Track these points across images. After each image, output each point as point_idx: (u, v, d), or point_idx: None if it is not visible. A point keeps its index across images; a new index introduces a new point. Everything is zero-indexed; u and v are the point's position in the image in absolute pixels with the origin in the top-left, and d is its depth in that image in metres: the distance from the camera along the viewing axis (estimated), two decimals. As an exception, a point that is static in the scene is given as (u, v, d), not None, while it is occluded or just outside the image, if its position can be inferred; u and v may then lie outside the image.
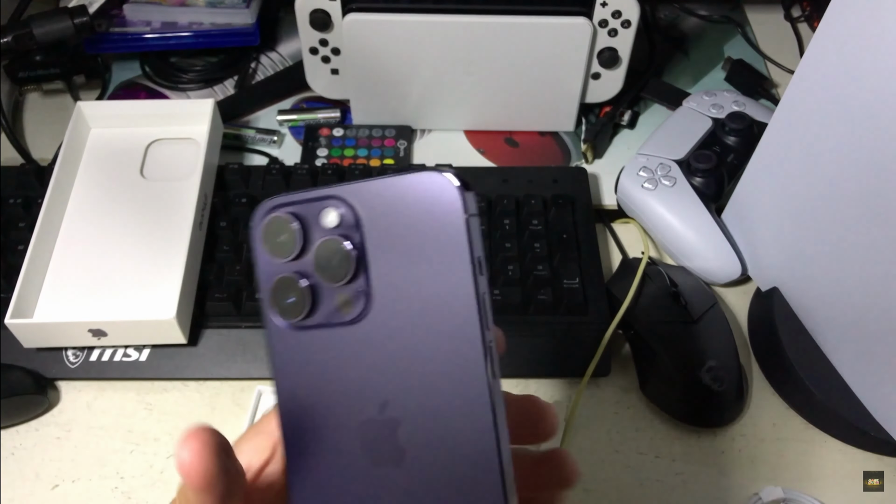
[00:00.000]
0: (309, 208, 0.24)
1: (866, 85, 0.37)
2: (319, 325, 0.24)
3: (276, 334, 0.24)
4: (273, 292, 0.24)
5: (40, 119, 0.64)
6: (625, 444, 0.46)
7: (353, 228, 0.24)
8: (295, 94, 0.65)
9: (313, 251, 0.24)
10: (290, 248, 0.24)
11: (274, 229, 0.24)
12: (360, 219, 0.24)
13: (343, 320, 0.24)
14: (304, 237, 0.24)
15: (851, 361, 0.45)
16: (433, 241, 0.23)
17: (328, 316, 0.24)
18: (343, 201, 0.24)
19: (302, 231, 0.24)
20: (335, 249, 0.24)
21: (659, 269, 0.50)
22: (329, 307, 0.24)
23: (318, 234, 0.24)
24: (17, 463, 0.45)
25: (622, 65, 0.57)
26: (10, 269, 0.49)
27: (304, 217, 0.24)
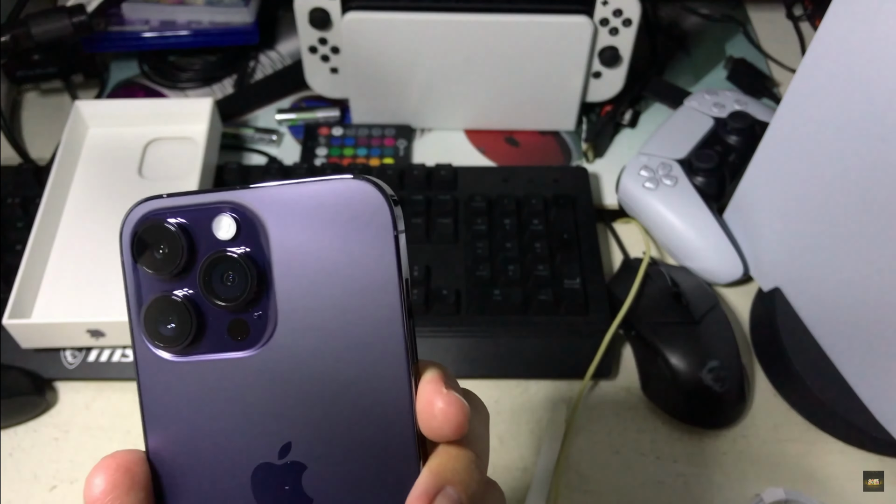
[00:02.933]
0: (198, 215, 0.20)
1: (868, 84, 0.37)
2: (205, 353, 0.20)
3: (148, 364, 0.20)
4: (147, 315, 0.20)
5: (38, 118, 0.63)
6: (626, 445, 0.46)
7: (254, 240, 0.20)
8: (294, 93, 0.64)
9: (201, 266, 0.20)
10: (171, 261, 0.20)
11: (150, 239, 0.20)
12: (263, 229, 0.20)
13: (236, 348, 0.20)
14: (191, 249, 0.20)
15: (853, 362, 0.44)
16: (354, 259, 0.20)
17: (217, 343, 0.20)
18: (242, 208, 0.20)
19: (188, 242, 0.20)
20: (229, 265, 0.20)
21: (660, 270, 0.50)
22: (219, 332, 0.20)
23: (208, 246, 0.20)
24: (15, 464, 0.45)
25: (623, 64, 0.57)
26: (8, 269, 0.49)
27: (189, 226, 0.20)
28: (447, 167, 0.55)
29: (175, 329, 0.20)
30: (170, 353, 0.20)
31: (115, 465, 0.20)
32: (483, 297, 0.49)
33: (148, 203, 0.20)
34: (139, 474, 0.20)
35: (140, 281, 0.20)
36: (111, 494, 0.20)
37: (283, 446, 0.20)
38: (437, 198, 0.53)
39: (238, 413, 0.20)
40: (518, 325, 0.48)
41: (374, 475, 0.20)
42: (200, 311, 0.20)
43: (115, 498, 0.20)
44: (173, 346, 0.20)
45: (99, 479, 0.20)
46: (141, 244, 0.20)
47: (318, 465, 0.20)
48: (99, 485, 0.20)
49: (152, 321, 0.20)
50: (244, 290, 0.20)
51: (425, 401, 0.20)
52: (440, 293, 0.49)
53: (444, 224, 0.52)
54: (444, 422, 0.20)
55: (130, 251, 0.20)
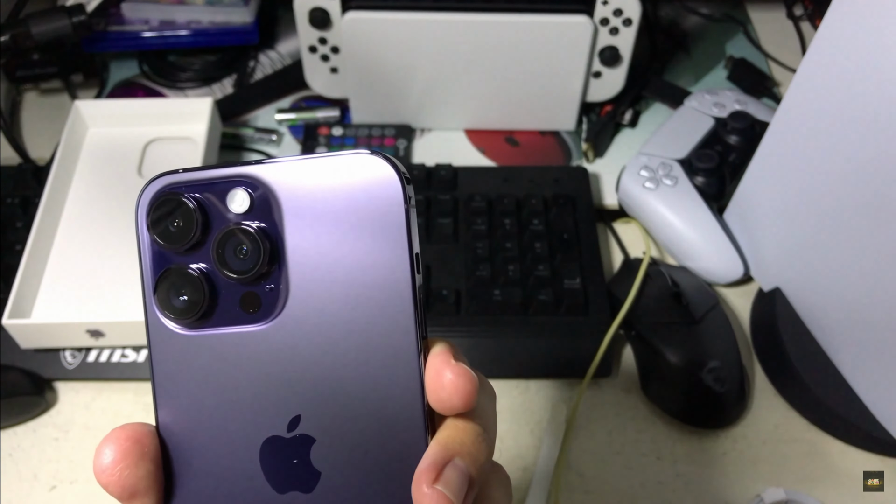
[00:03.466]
0: (213, 189, 0.20)
1: (869, 83, 0.37)
2: (217, 326, 0.21)
3: (160, 337, 0.21)
4: (160, 286, 0.20)
5: (38, 118, 0.63)
6: (626, 445, 0.46)
7: (267, 214, 0.20)
8: (294, 93, 0.64)
9: (214, 239, 0.20)
10: (186, 234, 0.20)
11: (166, 212, 0.20)
12: (277, 203, 0.20)
13: (248, 321, 0.20)
14: (205, 223, 0.20)
15: (854, 362, 0.44)
16: (366, 232, 0.20)
17: (229, 316, 0.20)
18: (256, 182, 0.20)
19: (202, 215, 0.20)
20: (242, 238, 0.20)
21: (660, 270, 0.50)
22: (231, 305, 0.20)
23: (222, 219, 0.20)
24: (14, 464, 0.45)
25: (623, 63, 0.57)
26: (7, 269, 0.49)
27: (205, 199, 0.20)
28: (447, 167, 0.55)
29: (187, 301, 0.20)
30: (181, 325, 0.21)
31: (126, 435, 0.20)
32: (483, 297, 0.48)
33: (165, 178, 0.21)
34: (149, 446, 0.21)
35: (154, 253, 0.21)
36: (121, 464, 0.20)
37: (293, 419, 0.20)
38: (437, 198, 0.53)
39: (248, 386, 0.20)
40: (518, 325, 0.48)
41: (382, 448, 0.20)
42: (213, 284, 0.20)
43: (125, 468, 0.20)
44: (185, 318, 0.20)
45: (109, 449, 0.20)
46: (157, 217, 0.20)
47: (326, 439, 0.20)
48: (109, 454, 0.20)
49: (165, 293, 0.20)
50: (256, 262, 0.20)
51: (434, 372, 0.20)
52: (440, 293, 0.49)
53: (444, 224, 0.52)
54: (453, 392, 0.20)
55: (146, 224, 0.20)
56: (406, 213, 0.20)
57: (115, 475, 0.20)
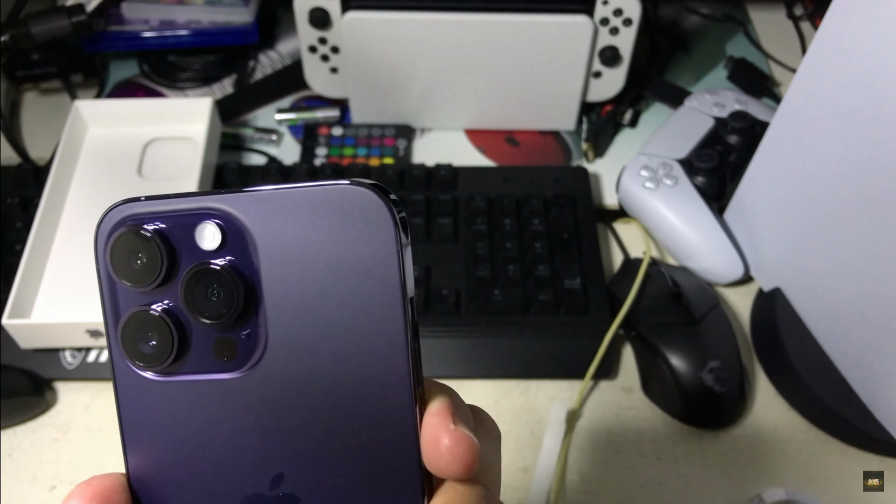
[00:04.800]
0: (179, 221, 0.18)
1: (869, 83, 0.37)
2: (190, 373, 0.19)
3: (127, 382, 0.19)
4: (125, 331, 0.18)
5: (38, 118, 0.63)
6: (626, 445, 0.46)
7: (241, 251, 0.18)
8: (294, 93, 0.64)
9: (182, 280, 0.18)
10: (150, 273, 0.18)
11: (127, 247, 0.18)
12: (252, 239, 0.18)
13: (223, 369, 0.18)
14: (171, 259, 0.18)
15: (854, 361, 0.44)
16: (352, 274, 0.18)
17: (203, 363, 0.19)
18: (228, 215, 0.18)
19: (168, 252, 0.18)
20: (214, 278, 0.18)
21: (661, 270, 0.50)
22: (204, 351, 0.19)
23: (191, 257, 0.18)
24: (14, 464, 0.45)
25: (623, 63, 0.57)
26: (7, 270, 0.49)
27: (171, 233, 0.18)
28: (447, 167, 0.55)
29: (156, 347, 0.18)
30: (150, 372, 0.19)
31: (92, 493, 0.19)
32: (483, 297, 0.48)
33: (124, 207, 0.18)
34: (118, 502, 0.19)
35: (117, 293, 0.19)
36: None
37: (275, 477, 0.19)
38: (437, 198, 0.53)
39: (226, 439, 0.19)
40: (518, 325, 0.48)
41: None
42: (183, 328, 0.18)
43: None
44: (154, 364, 0.19)
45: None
46: (117, 253, 0.18)
47: (312, 499, 0.18)
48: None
49: (130, 338, 0.19)
50: (230, 306, 0.18)
51: (431, 437, 0.18)
52: (440, 293, 0.48)
53: (444, 224, 0.52)
54: (451, 461, 0.18)
55: (105, 260, 0.18)
56: (398, 253, 0.17)
57: None
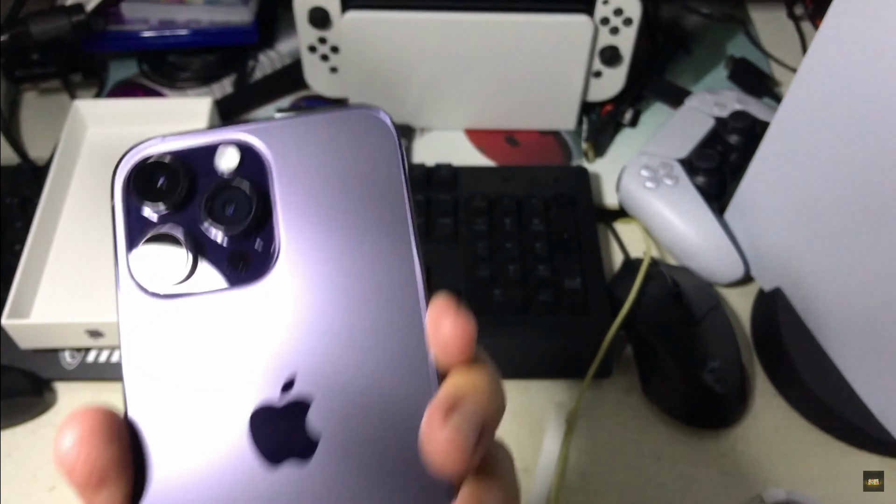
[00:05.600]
0: (199, 150, 0.20)
1: (869, 83, 0.37)
2: (201, 291, 0.19)
3: (134, 309, 0.19)
4: (140, 250, 0.20)
5: (37, 118, 0.63)
6: (626, 445, 0.45)
7: (258, 170, 0.20)
8: (293, 93, 0.64)
9: (203, 194, 0.20)
10: (172, 192, 0.20)
11: (149, 173, 0.20)
12: (268, 161, 0.20)
13: (236, 282, 0.19)
14: (192, 180, 0.20)
15: (854, 362, 0.44)
16: (361, 187, 0.20)
17: (215, 278, 0.19)
18: (244, 142, 0.20)
19: (189, 173, 0.20)
20: (233, 192, 0.20)
21: (661, 270, 0.50)
22: (217, 265, 0.20)
23: (210, 176, 0.20)
24: (14, 465, 0.45)
25: (624, 63, 0.57)
26: (6, 269, 0.49)
27: (192, 160, 0.20)
28: (447, 167, 0.55)
29: (171, 265, 0.19)
30: (162, 290, 0.19)
31: (90, 414, 0.18)
32: (483, 297, 0.48)
33: (144, 144, 0.20)
34: (117, 426, 0.18)
35: (134, 217, 0.20)
36: (88, 445, 0.18)
37: (287, 381, 0.19)
38: (437, 198, 0.53)
39: (235, 351, 0.19)
40: (518, 325, 0.48)
41: (385, 400, 0.19)
42: (198, 244, 0.20)
43: (92, 450, 0.18)
44: (167, 280, 0.19)
45: (71, 431, 0.18)
46: (139, 179, 0.20)
47: (325, 398, 0.19)
48: (71, 436, 0.18)
49: (145, 256, 0.20)
50: (248, 215, 0.20)
51: (433, 319, 0.19)
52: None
53: (444, 224, 0.52)
54: (450, 339, 0.19)
55: (125, 188, 0.20)
56: (402, 162, 0.20)
57: (81, 458, 0.18)
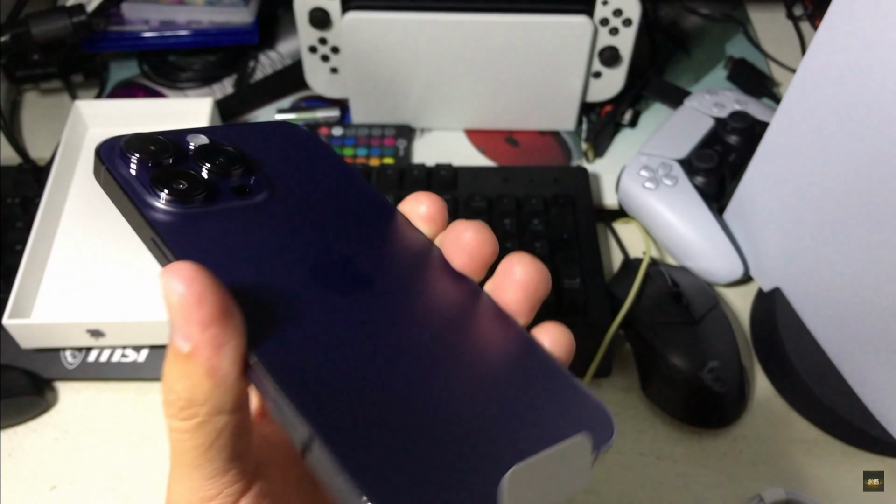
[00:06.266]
0: (171, 134, 0.23)
1: (869, 83, 0.37)
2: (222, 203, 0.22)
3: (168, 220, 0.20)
4: (157, 178, 0.21)
5: (38, 118, 0.63)
6: (626, 445, 0.46)
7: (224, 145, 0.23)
8: (294, 93, 0.64)
9: (193, 153, 0.22)
10: (164, 150, 0.22)
11: (139, 143, 0.22)
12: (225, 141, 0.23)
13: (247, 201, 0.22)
14: (176, 146, 0.22)
15: (853, 362, 0.44)
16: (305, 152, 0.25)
17: (228, 198, 0.22)
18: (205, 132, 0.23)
19: (172, 141, 0.22)
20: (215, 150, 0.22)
21: (660, 270, 0.50)
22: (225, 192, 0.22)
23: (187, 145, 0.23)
24: (14, 464, 0.45)
25: (623, 63, 0.57)
26: (7, 270, 0.49)
27: (168, 136, 0.23)
28: (447, 167, 0.55)
29: (186, 186, 0.21)
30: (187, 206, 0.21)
31: (191, 264, 0.17)
32: (483, 297, 0.48)
33: (118, 136, 0.23)
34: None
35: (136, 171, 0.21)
36: (208, 279, 0.17)
37: (324, 249, 0.22)
38: (437, 198, 0.53)
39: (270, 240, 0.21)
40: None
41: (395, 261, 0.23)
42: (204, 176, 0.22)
43: (214, 281, 0.17)
44: (189, 197, 0.21)
45: (186, 270, 0.17)
46: (129, 147, 0.22)
47: (359, 255, 0.22)
48: (189, 272, 0.17)
49: (164, 179, 0.21)
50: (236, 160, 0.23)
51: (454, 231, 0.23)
52: (440, 293, 0.48)
53: (444, 224, 0.52)
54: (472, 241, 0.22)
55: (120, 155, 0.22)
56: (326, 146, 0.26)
57: (209, 287, 0.17)
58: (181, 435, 0.18)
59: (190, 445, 0.18)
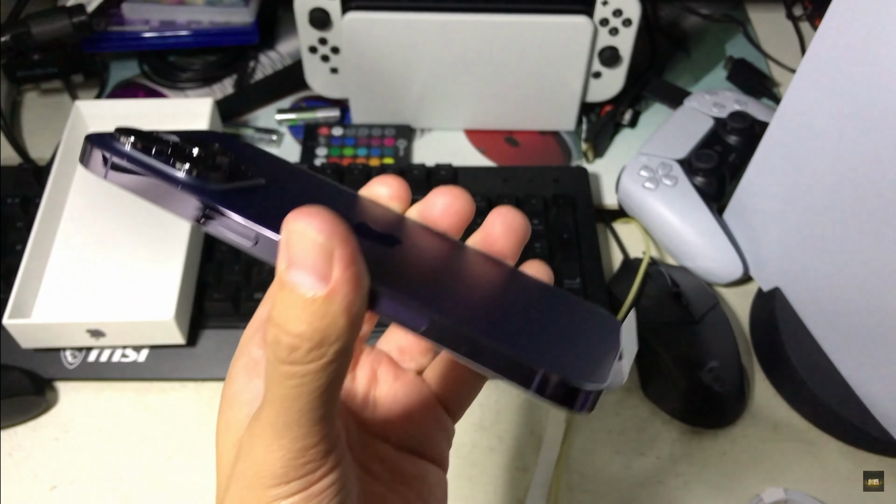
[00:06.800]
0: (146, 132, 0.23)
1: (868, 83, 0.37)
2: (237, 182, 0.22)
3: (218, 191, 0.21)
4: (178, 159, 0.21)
5: (38, 118, 0.63)
6: (626, 445, 0.46)
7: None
8: (294, 93, 0.64)
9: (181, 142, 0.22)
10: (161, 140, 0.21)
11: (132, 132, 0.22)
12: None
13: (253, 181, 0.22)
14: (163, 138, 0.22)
15: (853, 361, 0.44)
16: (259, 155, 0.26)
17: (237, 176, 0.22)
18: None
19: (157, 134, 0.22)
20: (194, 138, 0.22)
21: (660, 270, 0.50)
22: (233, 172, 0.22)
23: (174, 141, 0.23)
24: (14, 464, 0.45)
25: (623, 64, 0.57)
26: (8, 270, 0.49)
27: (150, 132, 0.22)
28: (447, 167, 0.55)
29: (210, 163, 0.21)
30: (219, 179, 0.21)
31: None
32: (483, 297, 0.48)
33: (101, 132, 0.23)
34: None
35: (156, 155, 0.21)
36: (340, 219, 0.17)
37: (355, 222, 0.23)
38: (437, 198, 0.53)
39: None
40: (518, 325, 0.48)
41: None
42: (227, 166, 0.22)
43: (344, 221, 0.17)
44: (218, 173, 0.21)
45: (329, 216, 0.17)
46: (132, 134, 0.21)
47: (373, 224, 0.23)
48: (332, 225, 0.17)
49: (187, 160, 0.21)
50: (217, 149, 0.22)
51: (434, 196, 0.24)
52: (440, 293, 0.49)
53: (444, 224, 0.52)
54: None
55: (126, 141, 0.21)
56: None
57: (348, 235, 0.17)
58: (302, 379, 0.17)
59: (310, 388, 0.17)
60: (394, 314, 0.19)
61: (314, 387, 0.17)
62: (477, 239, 0.24)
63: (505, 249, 0.24)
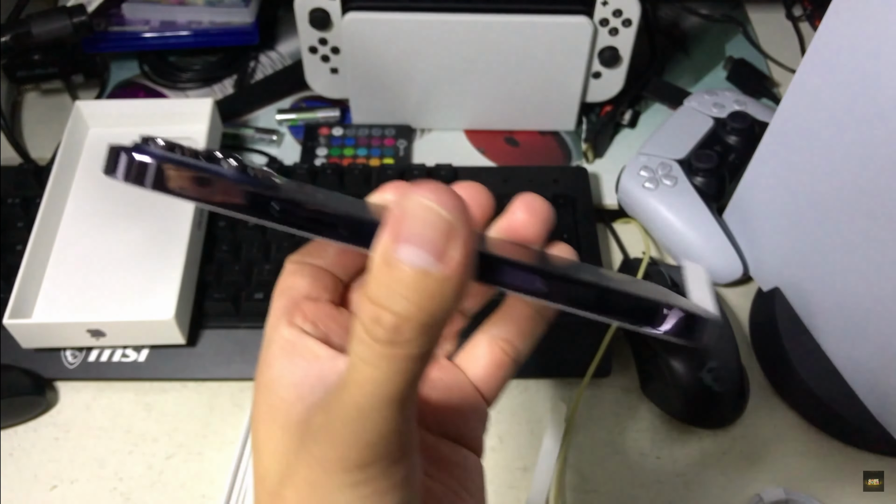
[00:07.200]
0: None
1: (868, 83, 0.37)
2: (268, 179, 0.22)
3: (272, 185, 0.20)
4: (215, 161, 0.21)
5: (39, 118, 0.63)
6: (626, 445, 0.46)
7: None
8: (294, 94, 0.64)
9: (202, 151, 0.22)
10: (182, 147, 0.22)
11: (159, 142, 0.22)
12: None
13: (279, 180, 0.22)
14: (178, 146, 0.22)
15: (853, 361, 0.44)
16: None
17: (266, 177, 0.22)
18: None
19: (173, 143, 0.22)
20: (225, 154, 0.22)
21: (660, 270, 0.50)
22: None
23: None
24: (15, 464, 0.45)
25: (623, 64, 0.57)
26: (8, 270, 0.49)
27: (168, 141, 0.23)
28: (447, 167, 0.55)
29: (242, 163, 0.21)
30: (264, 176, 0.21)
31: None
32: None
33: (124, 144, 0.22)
34: None
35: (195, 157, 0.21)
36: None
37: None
38: (437, 198, 0.53)
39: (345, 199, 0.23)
40: (518, 325, 0.48)
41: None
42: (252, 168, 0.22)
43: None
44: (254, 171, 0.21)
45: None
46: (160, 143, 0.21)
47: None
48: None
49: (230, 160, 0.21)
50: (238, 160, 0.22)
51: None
52: (440, 293, 0.49)
53: (444, 224, 0.52)
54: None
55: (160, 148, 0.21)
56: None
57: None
58: (400, 362, 0.16)
59: (406, 370, 0.17)
60: (519, 283, 0.19)
61: (410, 368, 0.17)
62: (502, 226, 0.24)
63: (533, 235, 0.23)
